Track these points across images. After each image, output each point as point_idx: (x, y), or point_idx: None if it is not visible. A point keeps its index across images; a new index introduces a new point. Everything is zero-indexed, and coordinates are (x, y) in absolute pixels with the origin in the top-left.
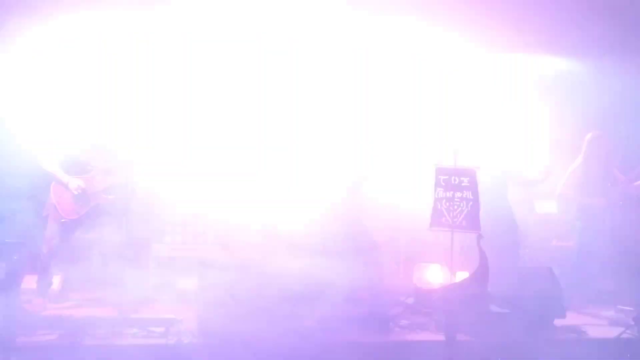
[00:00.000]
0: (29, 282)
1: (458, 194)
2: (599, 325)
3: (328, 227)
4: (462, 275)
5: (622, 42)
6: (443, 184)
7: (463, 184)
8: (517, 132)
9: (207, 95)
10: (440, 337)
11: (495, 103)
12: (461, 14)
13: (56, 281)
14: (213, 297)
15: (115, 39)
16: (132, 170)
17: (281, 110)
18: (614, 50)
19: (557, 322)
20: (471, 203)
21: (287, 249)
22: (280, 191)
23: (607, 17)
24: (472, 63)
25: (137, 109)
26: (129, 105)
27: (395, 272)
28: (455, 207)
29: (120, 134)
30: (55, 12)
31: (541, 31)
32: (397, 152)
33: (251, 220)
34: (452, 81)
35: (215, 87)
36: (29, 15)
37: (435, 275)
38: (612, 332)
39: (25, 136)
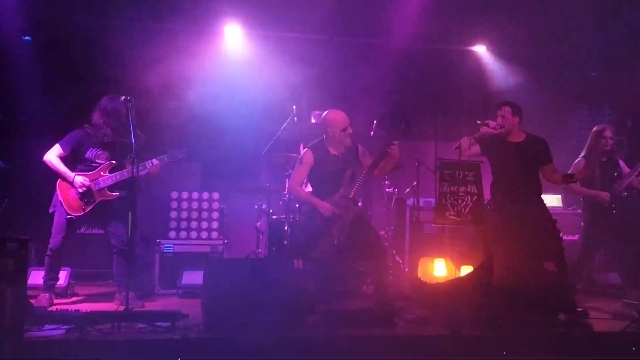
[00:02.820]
0: (36, 277)
1: (463, 188)
2: (604, 318)
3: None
4: (466, 270)
5: (633, 38)
6: (447, 178)
7: (468, 179)
8: (524, 125)
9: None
10: (445, 331)
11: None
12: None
13: (62, 277)
14: (219, 292)
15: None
16: (137, 167)
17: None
18: (619, 44)
19: (562, 315)
20: (476, 197)
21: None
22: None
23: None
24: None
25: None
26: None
27: (400, 267)
28: (460, 201)
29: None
30: None
31: (552, 25)
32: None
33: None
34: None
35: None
36: None
37: (440, 270)
38: (618, 326)
39: (33, 133)
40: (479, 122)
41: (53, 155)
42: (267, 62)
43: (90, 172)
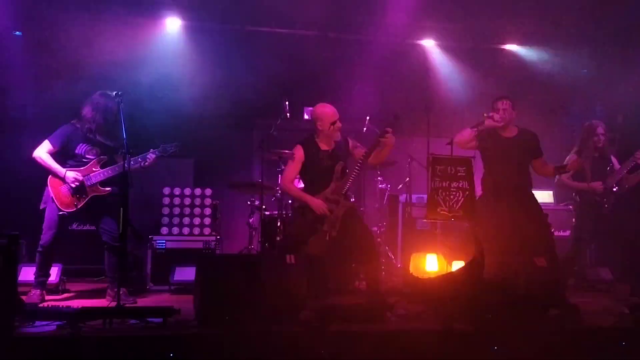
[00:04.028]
0: (27, 274)
1: (454, 184)
2: (595, 313)
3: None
4: (458, 265)
5: (623, 35)
6: (439, 174)
7: (459, 174)
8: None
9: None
10: (437, 326)
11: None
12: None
13: (54, 273)
14: (211, 288)
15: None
16: (129, 161)
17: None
18: (614, 42)
19: (553, 310)
20: (467, 192)
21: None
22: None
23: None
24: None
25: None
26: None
27: (392, 262)
28: (452, 197)
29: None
30: None
31: (543, 23)
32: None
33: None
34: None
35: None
36: None
37: (432, 265)
38: (608, 321)
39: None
40: (485, 114)
41: (43, 152)
42: (260, 58)
43: (82, 168)
